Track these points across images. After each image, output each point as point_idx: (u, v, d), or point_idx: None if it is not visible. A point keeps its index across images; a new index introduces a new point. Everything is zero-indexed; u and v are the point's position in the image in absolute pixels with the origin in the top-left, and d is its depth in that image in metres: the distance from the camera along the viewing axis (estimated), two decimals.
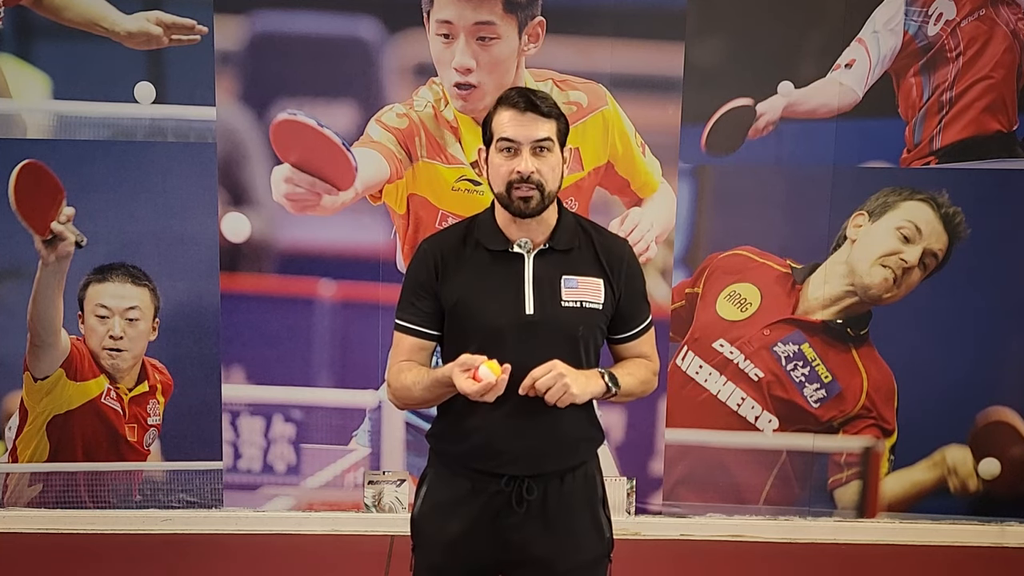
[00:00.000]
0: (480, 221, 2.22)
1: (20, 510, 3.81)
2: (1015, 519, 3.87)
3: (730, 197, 3.69)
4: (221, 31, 3.52)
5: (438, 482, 2.26)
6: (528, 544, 2.19)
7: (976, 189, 3.65)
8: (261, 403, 3.76)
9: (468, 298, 2.16)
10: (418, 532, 2.29)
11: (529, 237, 2.17)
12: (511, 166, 2.10)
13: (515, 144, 2.10)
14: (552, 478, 2.20)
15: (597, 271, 2.20)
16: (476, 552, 2.21)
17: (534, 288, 2.15)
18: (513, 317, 2.14)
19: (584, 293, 2.17)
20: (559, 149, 2.15)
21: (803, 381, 3.76)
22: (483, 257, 2.18)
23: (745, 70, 3.59)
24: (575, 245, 2.20)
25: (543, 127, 2.11)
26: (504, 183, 2.11)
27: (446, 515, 2.23)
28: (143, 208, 3.63)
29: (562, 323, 2.15)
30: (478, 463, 2.19)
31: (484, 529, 2.19)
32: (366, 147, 3.53)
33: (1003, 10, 3.55)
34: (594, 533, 2.26)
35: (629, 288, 2.24)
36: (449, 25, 3.44)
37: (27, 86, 3.55)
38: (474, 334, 2.15)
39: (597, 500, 2.28)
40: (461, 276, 2.18)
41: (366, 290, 3.66)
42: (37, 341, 3.67)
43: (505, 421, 2.15)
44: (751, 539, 3.85)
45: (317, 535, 3.81)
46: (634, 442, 3.81)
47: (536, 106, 2.10)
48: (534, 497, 2.18)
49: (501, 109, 2.13)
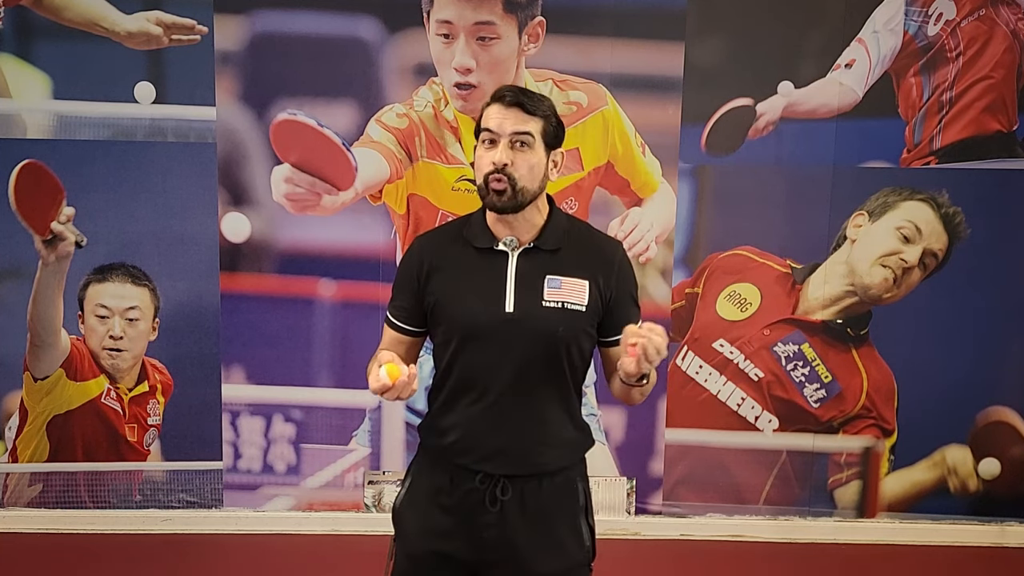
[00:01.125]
0: (472, 220, 2.22)
1: (20, 510, 3.81)
2: (1015, 519, 3.87)
3: (730, 197, 3.69)
4: (221, 31, 3.52)
5: (420, 474, 2.27)
6: (502, 544, 2.18)
7: (976, 189, 3.65)
8: (261, 403, 3.76)
9: (449, 294, 2.17)
10: (399, 521, 2.29)
11: (516, 236, 2.16)
12: (488, 157, 2.11)
13: (495, 135, 2.11)
14: (529, 480, 2.18)
15: (584, 273, 2.18)
16: (452, 546, 2.20)
17: (516, 286, 2.15)
18: (493, 314, 2.13)
19: (567, 294, 2.16)
20: (544, 149, 2.13)
21: (803, 381, 3.76)
22: (469, 254, 2.18)
23: (745, 70, 3.59)
24: (563, 245, 2.19)
25: (525, 123, 2.10)
26: (483, 175, 2.12)
27: (425, 506, 2.23)
28: (143, 208, 3.63)
29: (542, 322, 2.14)
30: (456, 458, 2.19)
31: (460, 524, 2.19)
32: (366, 147, 3.53)
33: (1003, 10, 3.55)
34: (572, 541, 2.24)
35: (620, 290, 2.22)
36: (449, 25, 3.44)
37: (27, 86, 3.55)
38: (454, 330, 2.16)
39: (579, 508, 2.25)
40: (445, 273, 2.18)
41: (366, 290, 3.66)
42: (37, 341, 3.67)
43: (482, 417, 2.15)
44: (751, 539, 3.85)
45: (317, 535, 3.81)
46: (634, 442, 3.81)
47: (521, 103, 2.11)
48: (508, 498, 2.17)
49: (491, 104, 2.14)
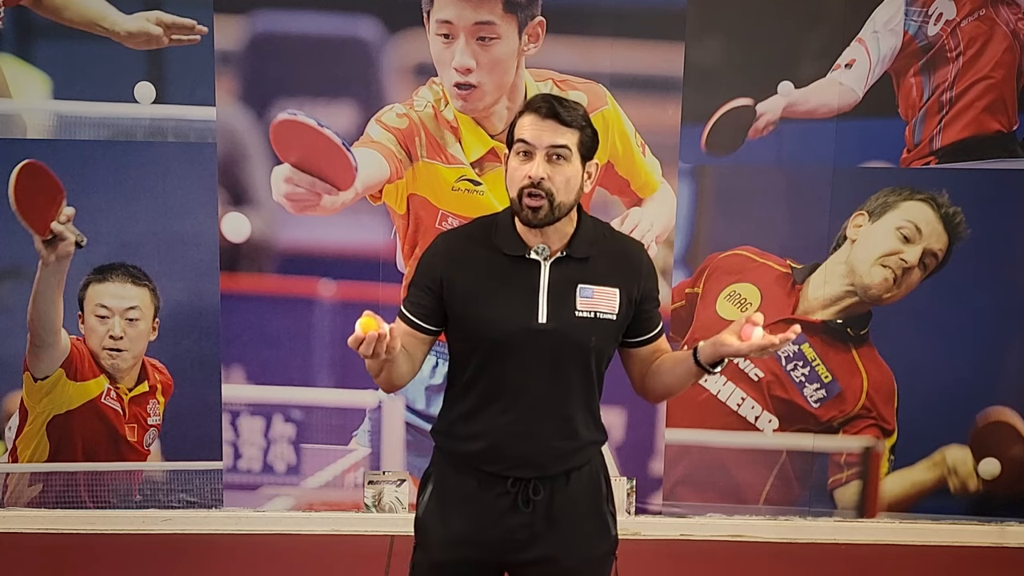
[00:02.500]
0: (500, 221, 2.18)
1: (20, 510, 3.81)
2: (1015, 519, 3.87)
3: (730, 197, 3.69)
4: (221, 31, 3.52)
5: (443, 480, 2.25)
6: (534, 543, 2.19)
7: (976, 189, 3.65)
8: (261, 403, 3.76)
9: (478, 301, 2.13)
10: (422, 530, 2.27)
11: (547, 243, 2.14)
12: (524, 170, 2.07)
13: (531, 147, 2.07)
14: (558, 478, 2.19)
15: (614, 280, 2.17)
16: (481, 550, 2.20)
17: (548, 296, 2.12)
18: (524, 324, 2.11)
19: (599, 303, 2.14)
20: (579, 161, 2.10)
21: (803, 381, 3.76)
22: (498, 261, 2.14)
23: (745, 70, 3.58)
24: (592, 254, 2.16)
25: (562, 135, 2.06)
26: (517, 188, 2.08)
27: (451, 513, 2.22)
28: (143, 208, 3.63)
29: (575, 333, 2.12)
30: (484, 465, 2.18)
31: (490, 528, 2.18)
32: (366, 147, 3.52)
33: (1003, 10, 3.55)
34: (601, 529, 2.27)
35: (647, 293, 2.22)
36: (449, 25, 3.44)
37: (27, 86, 3.55)
38: (482, 339, 2.13)
39: (602, 497, 2.27)
40: (473, 278, 2.15)
41: (366, 290, 3.66)
42: (37, 341, 3.66)
43: (512, 426, 2.14)
44: (751, 539, 3.85)
45: (317, 535, 3.81)
46: (634, 442, 3.81)
47: (557, 114, 2.06)
48: (540, 497, 2.18)
49: (525, 113, 2.10)
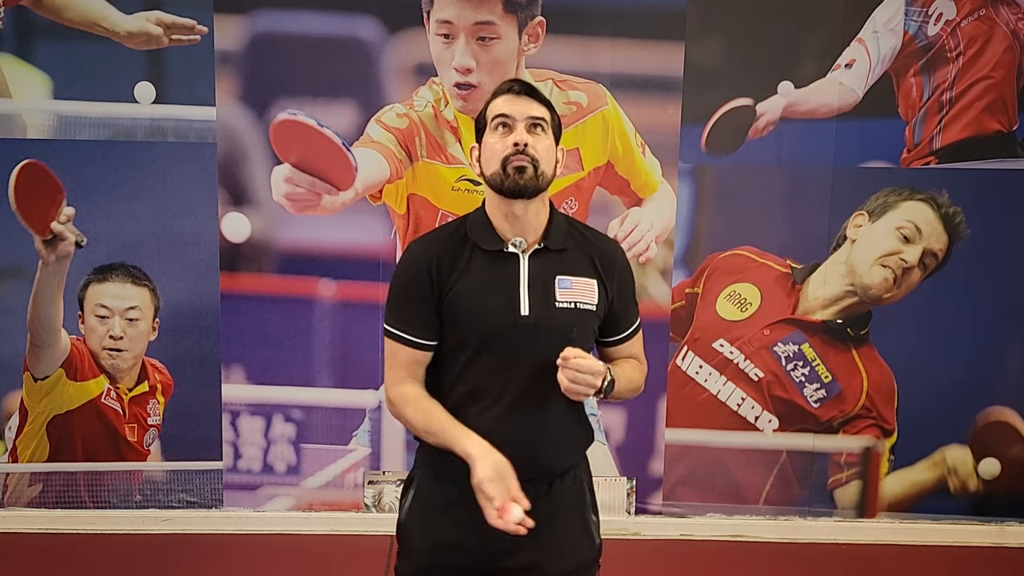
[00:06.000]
0: (471, 221, 2.18)
1: (20, 510, 3.81)
2: (1015, 519, 3.87)
3: (730, 197, 3.69)
4: (221, 31, 3.52)
5: (425, 486, 2.23)
6: (517, 550, 2.16)
7: (976, 189, 3.65)
8: (261, 403, 3.76)
9: (465, 299, 2.13)
10: (405, 536, 2.26)
11: (523, 236, 2.14)
12: (506, 141, 2.08)
13: (510, 119, 2.09)
14: (541, 483, 2.17)
15: (591, 272, 2.17)
16: (464, 557, 2.18)
17: (529, 289, 2.12)
18: (508, 318, 2.11)
19: (578, 294, 2.15)
20: (553, 139, 2.14)
21: (803, 381, 3.76)
22: (478, 257, 2.14)
23: (745, 70, 3.59)
24: (568, 245, 2.17)
25: (538, 109, 2.11)
26: (499, 159, 2.08)
27: (434, 520, 2.20)
28: (143, 208, 3.63)
29: (557, 324, 2.12)
30: (467, 469, 2.15)
31: (473, 534, 2.14)
32: (366, 147, 3.53)
33: (1003, 10, 3.55)
34: (584, 538, 2.25)
35: (621, 291, 2.22)
36: (449, 25, 3.44)
37: (27, 86, 3.55)
38: (471, 335, 2.13)
39: (586, 505, 2.26)
40: (458, 278, 2.14)
41: (366, 290, 3.66)
42: (37, 341, 3.67)
43: (494, 425, 2.12)
44: (751, 539, 3.85)
45: (317, 535, 3.81)
46: (634, 442, 3.81)
47: (531, 90, 2.12)
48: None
49: (496, 97, 2.14)
